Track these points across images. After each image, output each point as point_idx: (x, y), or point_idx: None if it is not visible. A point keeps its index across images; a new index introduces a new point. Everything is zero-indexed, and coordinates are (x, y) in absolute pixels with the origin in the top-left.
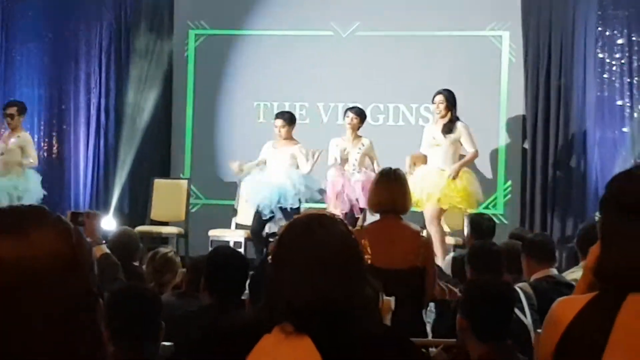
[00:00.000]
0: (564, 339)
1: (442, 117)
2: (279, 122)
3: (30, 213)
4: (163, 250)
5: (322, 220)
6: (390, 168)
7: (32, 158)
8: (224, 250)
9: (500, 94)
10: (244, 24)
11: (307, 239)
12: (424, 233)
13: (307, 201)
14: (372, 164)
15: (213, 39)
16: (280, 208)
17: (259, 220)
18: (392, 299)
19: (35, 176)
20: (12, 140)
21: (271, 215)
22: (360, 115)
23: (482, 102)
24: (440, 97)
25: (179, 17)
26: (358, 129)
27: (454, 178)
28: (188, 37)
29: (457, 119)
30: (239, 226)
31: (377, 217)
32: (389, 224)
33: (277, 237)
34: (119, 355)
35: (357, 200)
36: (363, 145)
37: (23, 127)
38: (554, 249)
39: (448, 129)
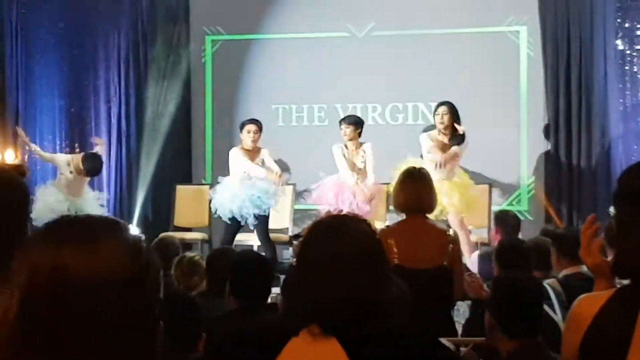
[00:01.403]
0: (589, 335)
1: (446, 128)
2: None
3: (102, 225)
4: (190, 254)
5: (345, 220)
6: (414, 167)
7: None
8: (248, 255)
9: (520, 89)
10: (260, 28)
11: (331, 239)
12: (451, 232)
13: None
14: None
15: (230, 43)
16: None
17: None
18: None
19: (94, 197)
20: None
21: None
22: (355, 124)
23: (502, 98)
24: (444, 108)
25: (195, 23)
26: (359, 135)
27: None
28: (205, 43)
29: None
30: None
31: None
32: (415, 223)
33: (300, 239)
34: None
35: (357, 205)
36: (364, 152)
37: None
38: None
39: (459, 140)
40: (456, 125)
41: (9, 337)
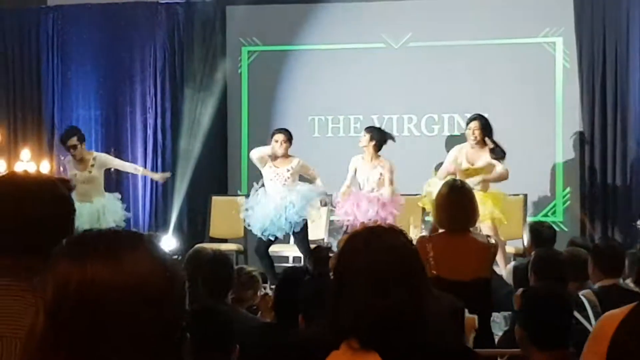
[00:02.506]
0: (611, 350)
1: (478, 143)
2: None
3: (126, 238)
4: (249, 268)
5: (381, 232)
6: (455, 180)
7: (120, 166)
8: (295, 275)
9: (555, 100)
10: (296, 39)
11: (368, 252)
12: (492, 240)
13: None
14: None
15: (266, 55)
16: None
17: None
18: (475, 317)
19: (116, 199)
20: (91, 165)
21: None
22: (370, 132)
23: (538, 109)
24: (476, 123)
25: (232, 34)
26: (374, 148)
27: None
28: (241, 54)
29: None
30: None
31: None
32: (457, 236)
33: (336, 252)
34: None
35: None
36: (382, 167)
37: (89, 151)
38: (624, 259)
39: (500, 155)
40: (487, 140)
41: (36, 351)
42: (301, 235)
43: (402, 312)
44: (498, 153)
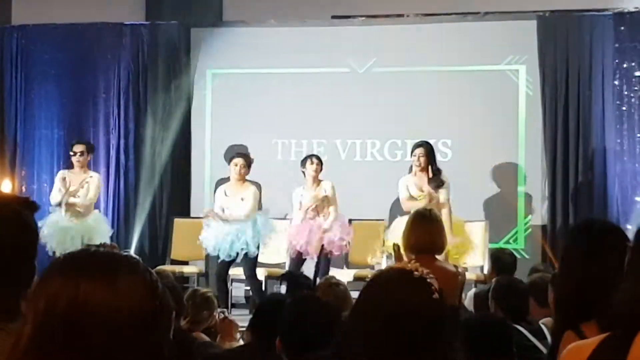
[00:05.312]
0: None
1: (422, 170)
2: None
3: (123, 262)
4: (203, 289)
5: (411, 280)
6: (425, 208)
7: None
8: (309, 304)
9: (518, 127)
10: (261, 62)
11: (391, 297)
12: (460, 270)
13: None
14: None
15: (230, 77)
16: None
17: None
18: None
19: (103, 217)
20: (87, 181)
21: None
22: (320, 159)
23: (501, 136)
24: (421, 150)
25: (196, 56)
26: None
27: None
28: (206, 76)
29: (439, 171)
30: (259, 265)
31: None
32: (424, 263)
33: (363, 289)
34: None
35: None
36: (325, 191)
37: (89, 170)
38: None
39: (438, 183)
40: (430, 168)
41: None
42: (251, 262)
43: None
44: (435, 181)
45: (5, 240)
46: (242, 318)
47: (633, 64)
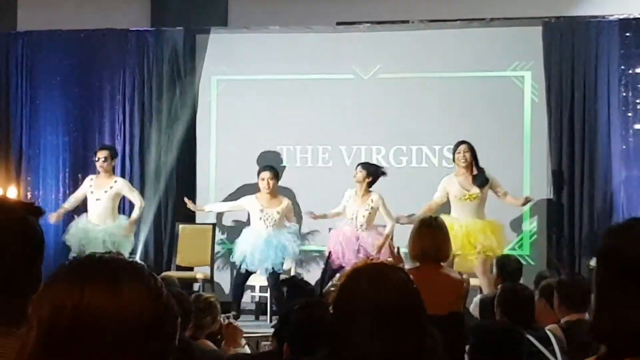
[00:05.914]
0: None
1: (467, 167)
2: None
3: (127, 268)
4: (206, 294)
5: (384, 269)
6: (430, 216)
7: (132, 198)
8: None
9: (523, 134)
10: (266, 68)
11: (372, 289)
12: (465, 276)
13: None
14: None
15: (235, 83)
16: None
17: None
18: None
19: (127, 222)
20: (110, 187)
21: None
22: (367, 169)
23: (506, 142)
24: (465, 146)
25: (201, 63)
26: (368, 184)
27: None
28: (211, 82)
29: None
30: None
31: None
32: (430, 270)
33: (337, 287)
34: None
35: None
36: (372, 201)
37: (113, 174)
38: (588, 294)
39: (483, 180)
40: (474, 165)
41: None
42: (277, 274)
43: (404, 353)
44: (479, 179)
45: (11, 245)
46: (248, 325)
47: (638, 70)
